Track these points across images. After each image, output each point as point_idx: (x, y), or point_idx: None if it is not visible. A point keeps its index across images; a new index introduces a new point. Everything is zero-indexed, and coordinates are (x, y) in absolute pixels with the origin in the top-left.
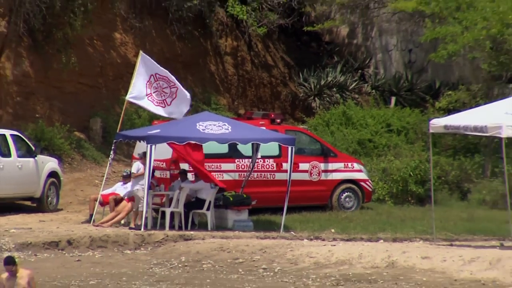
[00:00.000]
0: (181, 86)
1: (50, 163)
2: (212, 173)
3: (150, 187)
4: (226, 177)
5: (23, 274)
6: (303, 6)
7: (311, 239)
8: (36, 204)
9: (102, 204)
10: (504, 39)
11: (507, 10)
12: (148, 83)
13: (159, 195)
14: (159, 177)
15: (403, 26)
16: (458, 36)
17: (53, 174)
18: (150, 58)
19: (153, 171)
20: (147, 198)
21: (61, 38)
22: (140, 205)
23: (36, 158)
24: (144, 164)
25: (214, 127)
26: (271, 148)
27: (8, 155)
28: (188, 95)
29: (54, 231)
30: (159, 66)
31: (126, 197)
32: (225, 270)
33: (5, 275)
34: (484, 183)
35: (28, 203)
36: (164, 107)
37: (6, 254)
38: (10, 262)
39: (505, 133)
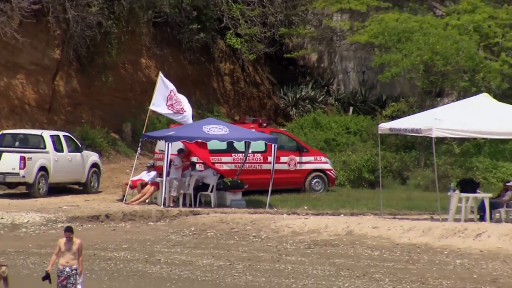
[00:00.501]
0: (182, 99)
1: (92, 157)
2: (214, 164)
3: (168, 174)
4: (225, 167)
5: (76, 241)
6: (283, 38)
7: (289, 214)
8: (82, 188)
9: (132, 187)
10: (434, 64)
11: (435, 42)
12: (169, 97)
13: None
14: (176, 166)
15: (358, 53)
16: (399, 61)
17: (95, 165)
18: (165, 78)
19: (170, 161)
20: (166, 182)
21: (101, 63)
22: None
23: (82, 153)
24: (183, 158)
25: (216, 129)
26: (259, 145)
27: (61, 150)
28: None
29: (95, 208)
30: (171, 84)
31: (149, 182)
32: (224, 237)
33: (63, 240)
34: (419, 171)
35: (76, 186)
36: (182, 114)
37: (60, 225)
38: (70, 230)
39: (434, 134)
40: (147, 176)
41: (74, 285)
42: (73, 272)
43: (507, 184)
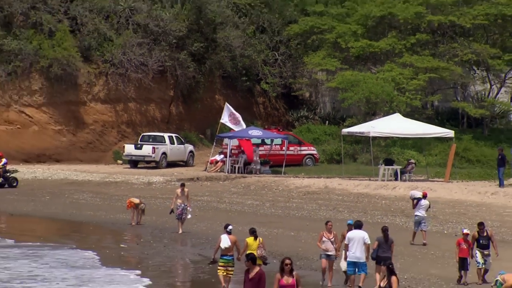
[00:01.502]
0: (238, 115)
1: (190, 147)
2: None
3: (230, 155)
4: (260, 152)
5: (186, 190)
6: (291, 84)
7: (294, 177)
8: (184, 163)
9: (210, 163)
10: (370, 98)
11: (371, 87)
12: (229, 115)
13: (233, 159)
14: (234, 152)
15: (331, 93)
16: (352, 97)
17: (191, 151)
18: (229, 105)
19: (231, 150)
20: (229, 161)
21: (194, 98)
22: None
23: (184, 145)
24: (237, 148)
25: (255, 132)
26: (278, 141)
27: (173, 143)
28: (242, 122)
29: (191, 174)
30: (231, 108)
31: (220, 160)
32: (259, 189)
33: (179, 189)
34: (363, 155)
35: (181, 163)
36: (236, 125)
37: (173, 183)
38: (183, 184)
39: (371, 134)
40: (219, 157)
41: (186, 214)
42: (185, 207)
43: (409, 161)
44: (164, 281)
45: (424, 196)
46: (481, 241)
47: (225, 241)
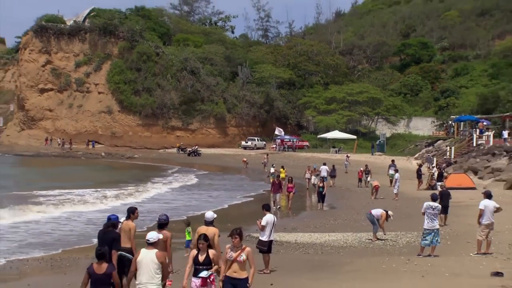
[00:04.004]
0: (281, 130)
1: (264, 142)
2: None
3: (278, 145)
4: (288, 143)
5: (268, 156)
6: (300, 120)
7: (300, 153)
8: (262, 148)
9: (271, 148)
10: (328, 125)
11: (328, 121)
12: (278, 131)
13: (279, 146)
14: (279, 144)
15: (314, 123)
16: (321, 125)
17: (265, 143)
18: (278, 127)
19: (278, 143)
20: (278, 147)
21: (266, 125)
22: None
23: (263, 141)
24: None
25: (287, 136)
26: (295, 140)
27: (259, 141)
28: (282, 131)
29: (264, 151)
30: (279, 128)
31: (274, 147)
32: (288, 156)
33: (265, 155)
34: (325, 145)
35: (262, 147)
36: (280, 134)
37: (259, 154)
38: (268, 154)
39: (328, 137)
40: (274, 145)
41: (267, 165)
42: (267, 162)
43: (341, 147)
44: (267, 183)
45: (348, 156)
46: (365, 172)
47: (272, 170)
